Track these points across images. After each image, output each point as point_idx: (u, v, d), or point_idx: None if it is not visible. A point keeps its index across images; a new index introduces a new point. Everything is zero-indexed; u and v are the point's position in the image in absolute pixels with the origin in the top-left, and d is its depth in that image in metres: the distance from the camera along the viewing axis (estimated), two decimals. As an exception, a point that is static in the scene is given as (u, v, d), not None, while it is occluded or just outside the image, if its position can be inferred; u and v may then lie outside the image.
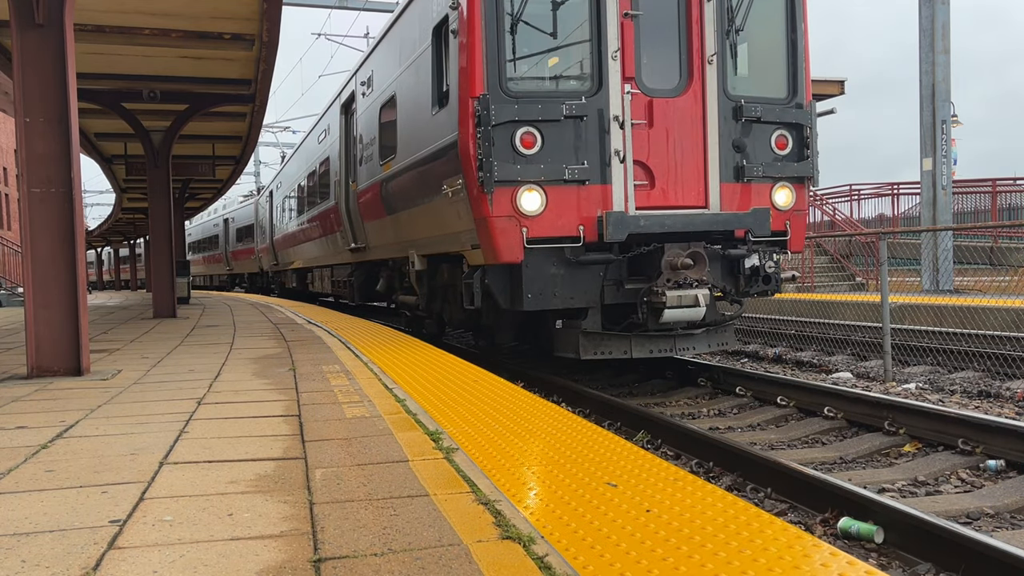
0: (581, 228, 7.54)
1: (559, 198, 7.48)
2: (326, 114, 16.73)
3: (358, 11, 23.28)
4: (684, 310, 7.55)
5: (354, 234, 14.10)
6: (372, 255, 13.26)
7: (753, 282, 8.18)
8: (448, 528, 2.59)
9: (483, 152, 7.27)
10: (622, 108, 7.57)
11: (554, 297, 7.55)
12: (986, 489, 5.08)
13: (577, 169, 7.50)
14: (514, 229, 7.38)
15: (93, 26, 10.22)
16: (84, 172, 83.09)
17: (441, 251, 9.25)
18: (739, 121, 8.01)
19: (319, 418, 4.44)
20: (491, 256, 7.50)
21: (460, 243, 8.36)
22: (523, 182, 7.40)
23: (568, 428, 4.10)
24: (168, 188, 14.98)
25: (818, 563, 2.26)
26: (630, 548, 2.40)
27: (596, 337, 7.89)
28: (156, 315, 14.38)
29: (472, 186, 7.50)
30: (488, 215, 7.36)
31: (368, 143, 12.39)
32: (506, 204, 7.36)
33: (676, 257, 7.58)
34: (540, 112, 7.44)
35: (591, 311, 7.84)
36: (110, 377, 6.29)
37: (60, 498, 3.00)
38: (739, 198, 8.05)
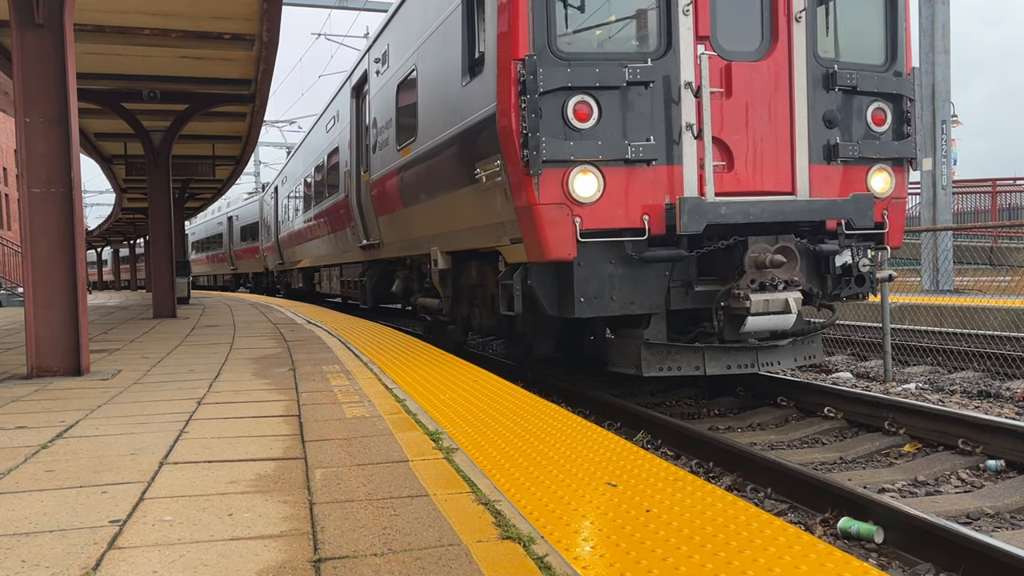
0: (646, 218, 6.32)
1: (619, 181, 6.29)
2: (335, 99, 15.40)
3: (358, 11, 23.30)
4: (771, 317, 6.44)
5: (366, 230, 12.90)
6: (387, 253, 12.02)
7: (843, 283, 6.96)
8: (448, 528, 2.59)
9: (528, 126, 6.07)
10: (697, 72, 6.34)
11: (611, 302, 6.36)
12: (986, 489, 5.08)
13: (642, 146, 6.27)
14: (565, 219, 6.20)
15: (93, 26, 10.22)
16: (84, 172, 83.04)
17: (470, 247, 8.15)
18: (831, 90, 6.76)
19: (319, 418, 4.44)
20: (536, 252, 6.36)
21: (495, 237, 7.21)
22: (576, 162, 6.19)
23: (568, 428, 4.10)
24: (168, 188, 14.98)
25: (818, 563, 2.26)
26: (630, 548, 2.40)
27: (661, 350, 6.70)
28: (156, 315, 14.38)
29: (514, 168, 6.32)
30: (534, 202, 6.19)
31: (383, 127, 11.15)
32: (556, 189, 6.18)
33: (762, 253, 6.41)
34: (597, 77, 6.21)
35: (654, 318, 6.66)
36: (110, 377, 6.29)
37: (60, 498, 3.00)
38: (830, 183, 6.83)
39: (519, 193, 6.37)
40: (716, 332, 6.68)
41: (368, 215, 12.54)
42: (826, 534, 4.44)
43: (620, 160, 6.27)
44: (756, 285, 6.43)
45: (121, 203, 30.31)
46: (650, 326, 6.69)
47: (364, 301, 14.09)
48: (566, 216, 6.22)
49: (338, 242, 15.56)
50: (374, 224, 12.24)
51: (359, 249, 13.52)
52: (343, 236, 14.87)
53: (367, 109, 12.29)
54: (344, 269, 16.29)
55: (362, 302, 14.36)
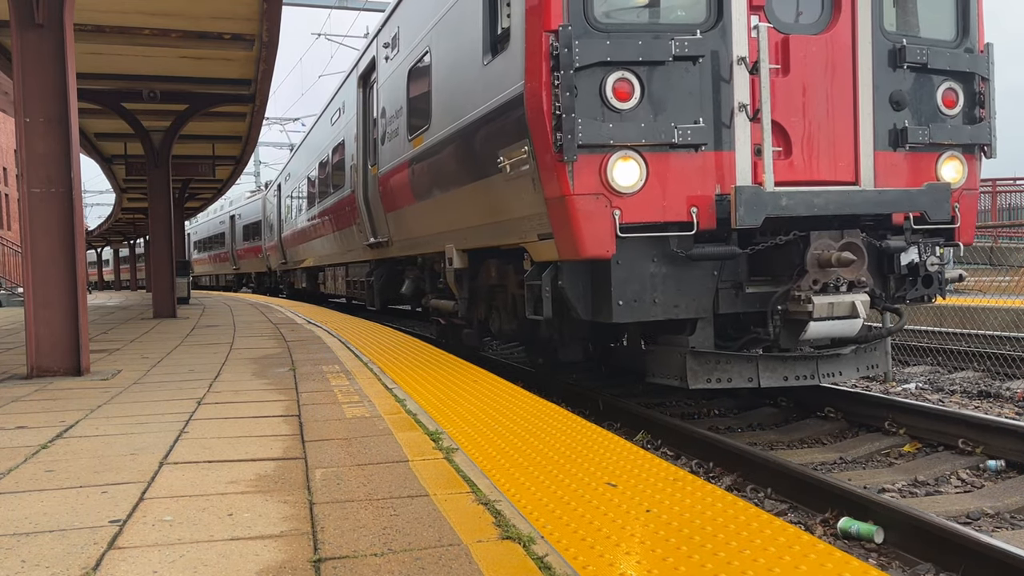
0: (694, 211, 5.70)
1: (664, 169, 5.66)
2: (340, 90, 14.61)
3: (358, 11, 23.30)
4: (835, 323, 5.79)
5: (373, 227, 12.21)
6: (396, 251, 11.27)
7: (908, 284, 6.32)
8: (448, 528, 2.59)
9: (562, 106, 5.46)
10: (752, 46, 5.72)
11: (653, 305, 5.74)
12: (986, 489, 5.08)
13: (689, 130, 5.65)
14: (603, 212, 5.57)
15: (93, 26, 10.22)
16: (84, 172, 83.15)
17: (491, 244, 7.50)
18: (898, 68, 6.09)
19: (319, 418, 4.44)
20: (569, 249, 5.75)
21: (520, 233, 6.60)
22: (616, 147, 5.58)
23: (568, 428, 4.10)
24: (168, 188, 14.98)
25: (818, 563, 2.26)
26: (630, 548, 2.40)
27: (709, 359, 6.01)
28: (156, 315, 14.38)
29: (544, 154, 5.72)
30: (567, 193, 5.57)
31: (392, 116, 10.39)
32: (592, 177, 5.56)
33: (826, 250, 5.79)
34: (640, 51, 5.59)
35: (700, 323, 6.02)
36: (110, 377, 6.29)
37: (60, 498, 3.00)
38: (896, 171, 6.16)
39: (550, 182, 5.77)
40: (771, 339, 6.02)
41: (376, 211, 11.85)
42: (826, 534, 4.44)
43: (665, 145, 5.65)
44: (819, 286, 5.78)
45: (121, 203, 30.32)
46: (696, 332, 6.03)
47: (371, 302, 13.34)
48: (604, 208, 5.61)
49: (344, 240, 14.91)
50: (382, 221, 11.55)
51: (366, 248, 12.85)
52: (349, 234, 14.23)
53: (375, 99, 11.57)
54: (350, 269, 15.53)
55: (369, 303, 13.52)
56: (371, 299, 13.26)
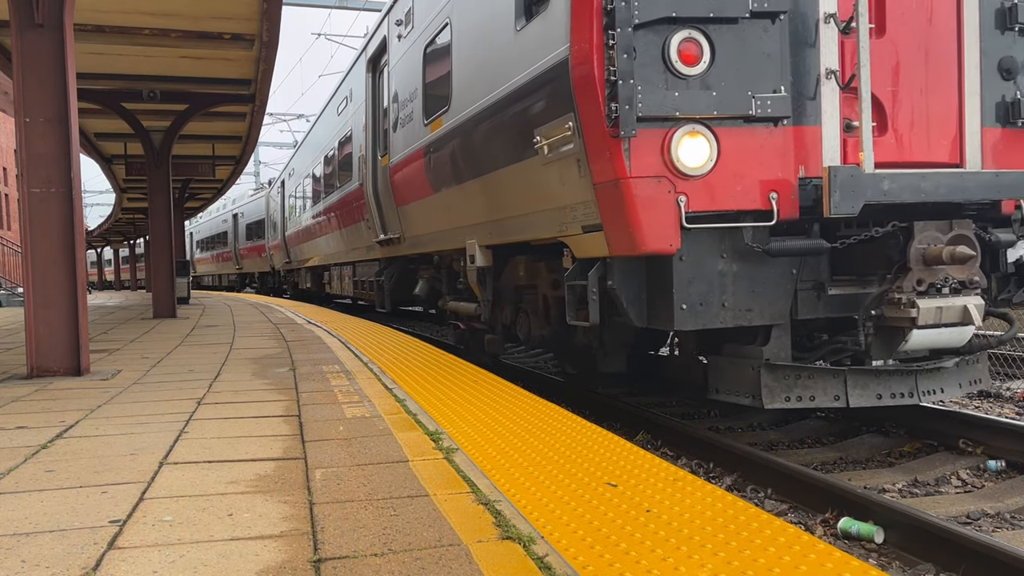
0: (773, 197, 4.89)
1: (738, 146, 4.87)
2: (347, 77, 13.77)
3: (358, 11, 23.30)
4: (943, 331, 5.01)
5: (383, 222, 11.34)
6: (409, 248, 10.34)
7: (1014, 284, 5.59)
8: (448, 528, 2.59)
9: (619, 70, 4.62)
10: (844, 2, 4.95)
11: (722, 310, 4.95)
12: (986, 489, 5.08)
13: (769, 100, 4.84)
14: (665, 198, 4.76)
15: (93, 26, 10.23)
16: (84, 172, 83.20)
17: (521, 239, 6.68)
18: (1009, 31, 5.28)
19: (319, 418, 4.44)
20: (624, 243, 4.93)
21: (559, 225, 5.82)
22: (682, 120, 4.77)
23: (568, 428, 4.10)
24: (168, 188, 14.99)
25: (818, 563, 2.26)
26: (630, 548, 2.40)
27: (788, 374, 5.18)
28: (156, 315, 14.39)
29: (594, 129, 4.92)
30: (623, 175, 4.75)
31: (406, 100, 9.52)
32: (653, 156, 4.75)
33: (933, 244, 4.95)
34: (711, 5, 4.79)
35: (775, 331, 5.21)
36: (110, 377, 6.29)
37: (60, 498, 3.00)
38: (1008, 151, 5.36)
39: (601, 163, 4.96)
40: (860, 349, 5.22)
41: (386, 205, 11.01)
42: (826, 534, 4.44)
43: (739, 118, 4.85)
44: (923, 287, 4.95)
45: (121, 203, 30.33)
46: (770, 341, 5.21)
47: (381, 304, 12.33)
48: (667, 193, 4.77)
49: (351, 237, 14.10)
50: (393, 215, 10.65)
51: (375, 245, 12.05)
52: (356, 231, 13.40)
53: (386, 83, 10.69)
54: (357, 268, 14.66)
55: (379, 305, 12.46)
56: (381, 300, 12.35)
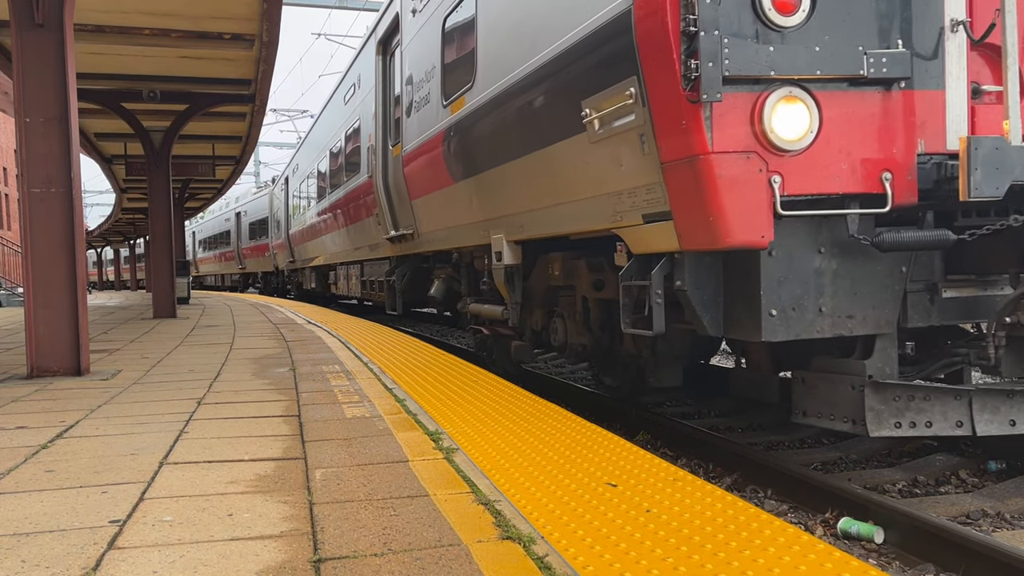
0: (887, 177, 4.05)
1: (844, 115, 4.04)
2: (355, 63, 12.96)
3: (358, 11, 23.30)
4: None
5: (395, 218, 10.51)
6: (424, 245, 9.45)
7: None
8: (448, 528, 2.59)
9: (700, 18, 3.83)
10: None
11: (819, 316, 4.16)
12: (986, 489, 5.07)
13: (884, 57, 3.99)
14: (755, 179, 3.92)
15: (93, 26, 10.23)
16: (84, 172, 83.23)
17: (561, 232, 5.83)
18: None
19: (319, 418, 4.44)
20: (701, 233, 4.09)
21: (611, 214, 4.97)
22: (777, 82, 3.95)
23: (568, 428, 4.10)
24: (168, 188, 14.99)
25: (818, 563, 2.26)
26: (630, 548, 2.40)
27: (898, 395, 4.28)
28: (156, 315, 14.39)
29: (665, 94, 4.09)
30: (703, 150, 3.91)
31: (421, 81, 8.65)
32: (742, 127, 3.93)
33: None
34: None
35: (880, 342, 4.34)
36: (110, 377, 6.29)
37: (60, 498, 3.00)
38: None
39: (673, 137, 4.12)
40: (989, 364, 4.38)
41: (398, 198, 10.16)
42: (826, 534, 4.44)
43: (844, 80, 4.03)
44: None
45: (121, 203, 30.34)
46: (873, 354, 4.34)
47: (392, 306, 11.37)
48: (757, 173, 3.93)
49: (358, 234, 13.27)
50: (406, 209, 9.81)
51: (385, 242, 11.18)
52: (365, 227, 12.57)
53: (399, 65, 9.81)
54: (365, 267, 13.80)
55: (389, 307, 11.53)
56: (391, 302, 11.44)
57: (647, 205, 4.55)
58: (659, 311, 4.49)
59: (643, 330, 4.67)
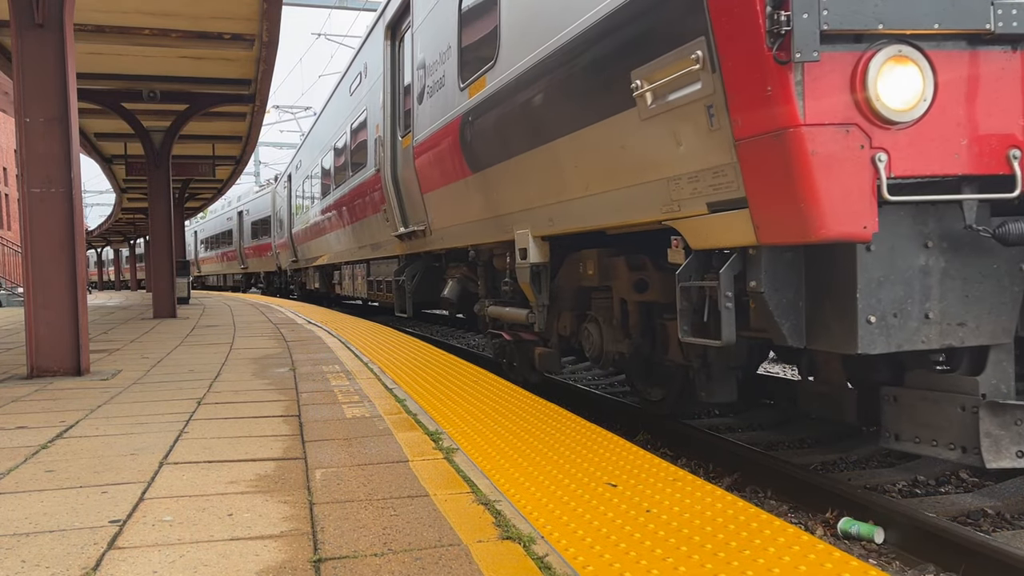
0: (1014, 156, 3.42)
1: (964, 78, 3.41)
2: (361, 50, 12.29)
3: (358, 11, 23.30)
4: None
5: (404, 214, 9.86)
6: (436, 243, 8.83)
7: None
8: (448, 528, 2.59)
9: None
10: None
11: (924, 323, 3.54)
12: (986, 489, 5.07)
13: (1015, 10, 3.37)
14: (857, 157, 3.30)
15: (93, 26, 10.24)
16: (84, 172, 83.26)
17: (598, 225, 5.18)
18: None
19: (319, 418, 4.44)
20: (788, 224, 3.44)
21: (666, 203, 4.30)
22: (882, 39, 3.32)
23: (568, 428, 4.10)
24: (168, 188, 15.00)
25: (818, 563, 2.26)
26: (630, 548, 2.40)
27: (1020, 417, 3.61)
28: (156, 315, 14.40)
29: (743, 54, 3.45)
30: (794, 121, 3.28)
31: (436, 64, 8.01)
32: (840, 94, 3.29)
33: None
34: None
35: (994, 354, 3.71)
36: (110, 377, 6.29)
37: (60, 498, 3.00)
38: None
39: (753, 107, 3.47)
40: None
41: (408, 193, 9.46)
42: (826, 534, 4.44)
43: (963, 37, 3.38)
44: None
45: (121, 203, 30.35)
46: (987, 368, 3.71)
47: (401, 307, 10.64)
48: (859, 150, 3.30)
49: (365, 232, 12.67)
50: (418, 204, 9.14)
51: (394, 240, 10.51)
52: (371, 224, 11.96)
53: (409, 50, 9.18)
54: (372, 266, 13.19)
55: (398, 309, 10.77)
56: (401, 303, 10.67)
57: (713, 191, 3.91)
58: (729, 317, 3.84)
59: (710, 340, 3.98)
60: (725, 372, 5.22)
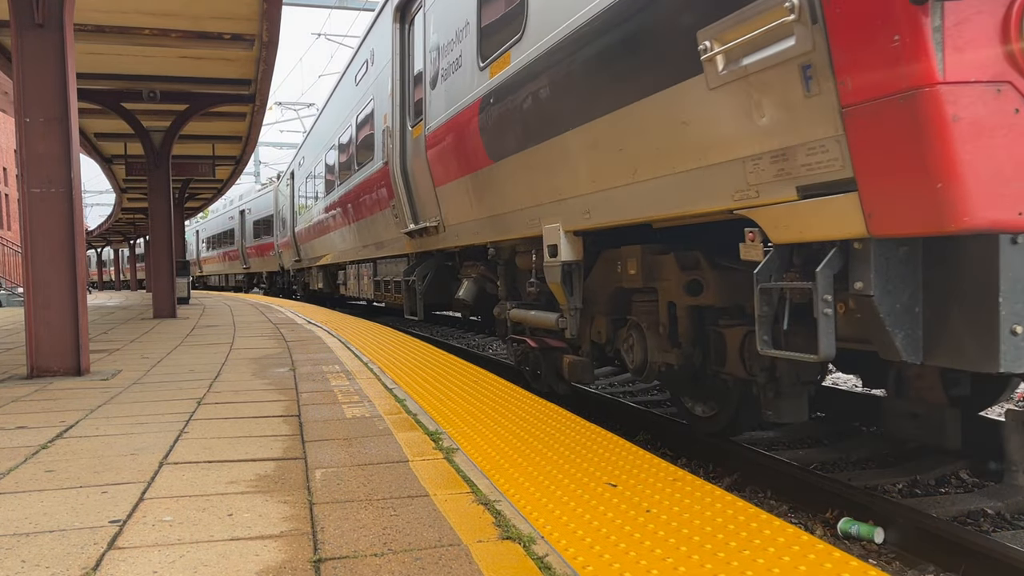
0: None
1: None
2: (369, 35, 11.55)
3: (358, 11, 23.31)
4: None
5: (414, 209, 9.28)
6: (451, 240, 8.14)
7: None
8: (448, 528, 2.59)
9: None
10: None
11: None
12: (986, 489, 5.07)
13: None
14: (1012, 125, 2.69)
15: (93, 26, 10.24)
16: (84, 172, 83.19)
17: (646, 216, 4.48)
18: None
19: (319, 418, 4.44)
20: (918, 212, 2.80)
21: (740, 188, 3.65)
22: None
23: (568, 428, 4.10)
24: (168, 188, 15.00)
25: (817, 563, 2.26)
26: (630, 548, 2.40)
27: None
28: (156, 315, 14.40)
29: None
30: (931, 79, 2.65)
31: (451, 44, 7.33)
32: (987, 47, 2.67)
33: None
34: None
35: None
36: (110, 377, 6.29)
37: (60, 498, 3.00)
38: None
39: (871, 63, 2.83)
40: None
41: (419, 186, 8.85)
42: (826, 534, 4.44)
43: None
44: None
45: (121, 203, 30.35)
46: None
47: (411, 310, 9.83)
48: (1014, 115, 2.70)
49: (371, 230, 12.05)
50: (429, 198, 8.50)
51: (403, 237, 9.94)
52: (379, 221, 11.33)
53: (420, 31, 8.54)
54: (379, 266, 12.52)
55: (408, 311, 9.96)
56: (411, 305, 9.86)
57: (807, 172, 3.23)
58: (829, 326, 3.15)
59: (806, 355, 3.32)
60: (796, 388, 4.49)
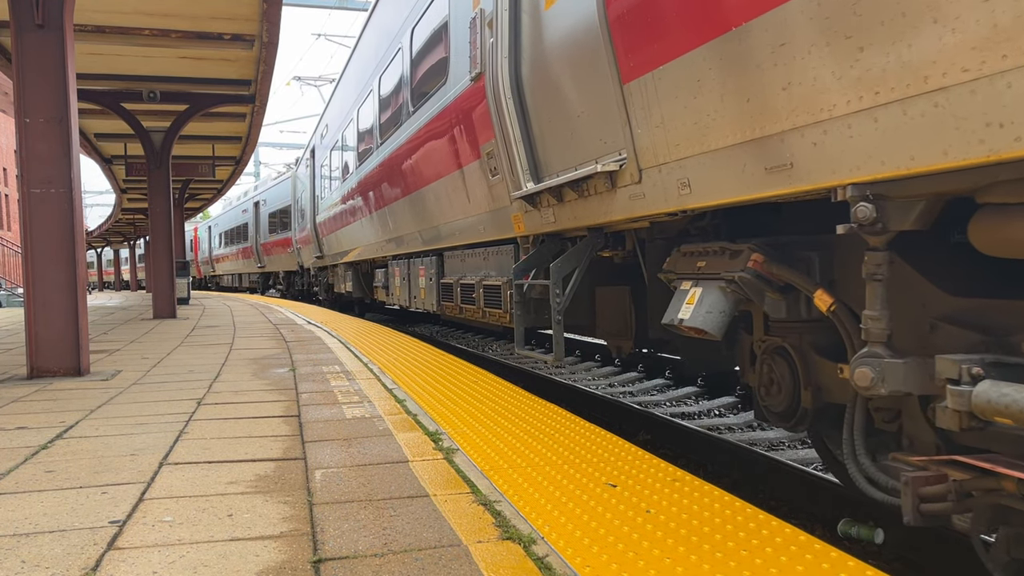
0: None
1: None
2: None
3: (358, 11, 23.32)
4: None
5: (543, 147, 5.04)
6: (657, 198, 3.73)
7: None
8: (448, 529, 2.59)
9: None
10: None
11: None
12: (986, 489, 5.08)
13: None
14: None
15: (93, 26, 10.24)
16: (84, 172, 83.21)
17: None
18: None
19: (319, 419, 4.44)
20: None
21: None
22: None
23: (568, 428, 4.11)
24: (168, 188, 15.00)
25: (816, 563, 2.26)
26: (629, 548, 2.41)
27: None
28: (156, 316, 14.40)
29: None
30: None
31: None
32: None
33: None
34: None
35: None
36: (110, 377, 6.29)
37: (60, 498, 3.00)
38: None
39: None
40: None
41: (564, 99, 4.61)
42: (825, 534, 4.44)
43: None
44: None
45: (121, 203, 30.34)
46: None
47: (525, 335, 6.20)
48: None
49: (438, 203, 7.80)
50: (593, 117, 4.30)
51: (506, 209, 5.96)
52: (452, 188, 7.17)
53: None
54: (449, 260, 8.24)
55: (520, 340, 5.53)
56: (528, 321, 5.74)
57: None
58: None
59: None
60: None
